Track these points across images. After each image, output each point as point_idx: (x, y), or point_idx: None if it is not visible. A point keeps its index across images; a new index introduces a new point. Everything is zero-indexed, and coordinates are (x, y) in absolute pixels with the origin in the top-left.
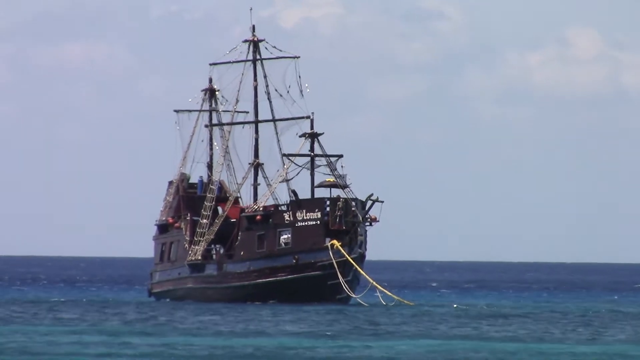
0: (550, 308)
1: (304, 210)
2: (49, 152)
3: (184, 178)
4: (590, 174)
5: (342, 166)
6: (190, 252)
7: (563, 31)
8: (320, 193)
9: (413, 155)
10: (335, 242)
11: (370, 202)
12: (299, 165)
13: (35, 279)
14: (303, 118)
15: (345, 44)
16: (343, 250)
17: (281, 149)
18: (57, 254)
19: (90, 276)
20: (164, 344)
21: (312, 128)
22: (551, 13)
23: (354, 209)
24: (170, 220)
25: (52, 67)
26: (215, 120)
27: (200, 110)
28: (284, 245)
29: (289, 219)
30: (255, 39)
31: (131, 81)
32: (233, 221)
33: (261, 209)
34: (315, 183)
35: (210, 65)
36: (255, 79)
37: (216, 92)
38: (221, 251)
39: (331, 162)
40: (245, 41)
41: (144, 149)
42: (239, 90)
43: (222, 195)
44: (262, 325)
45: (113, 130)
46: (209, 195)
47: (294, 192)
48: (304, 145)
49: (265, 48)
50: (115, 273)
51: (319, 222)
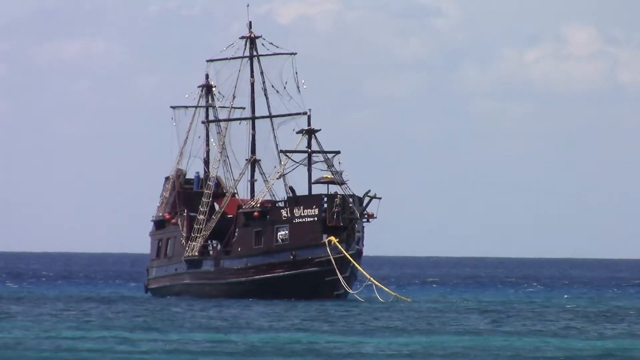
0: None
1: (302, 207)
2: (46, 148)
3: (180, 174)
4: (587, 170)
5: (340, 162)
6: (187, 248)
7: (560, 28)
8: (318, 189)
9: (410, 152)
10: (332, 239)
11: (367, 199)
12: (296, 162)
13: (36, 275)
14: (300, 114)
15: (342, 40)
16: (340, 247)
17: (278, 145)
18: (52, 249)
19: (86, 272)
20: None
21: (310, 124)
22: (548, 9)
23: (351, 206)
24: (167, 216)
25: (50, 64)
26: (211, 116)
27: (197, 107)
28: (282, 242)
29: (286, 215)
30: (252, 36)
31: (128, 77)
32: (230, 217)
33: (258, 205)
34: (313, 179)
35: (207, 61)
36: (252, 76)
37: (213, 89)
38: (218, 247)
39: (328, 159)
40: (242, 37)
41: (140, 145)
42: (235, 87)
43: (219, 192)
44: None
45: (110, 126)
46: (205, 191)
47: (291, 189)
48: (301, 142)
49: (262, 44)
50: (109, 269)
51: (316, 219)
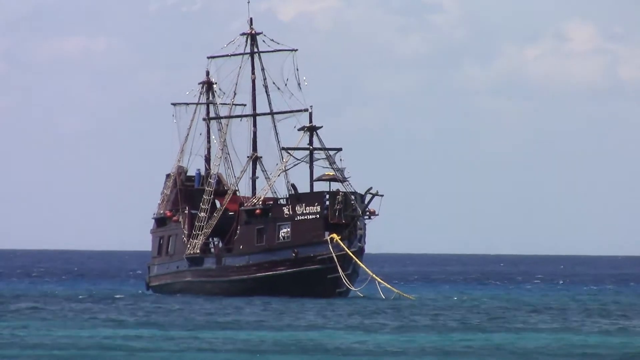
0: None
1: (304, 204)
2: (47, 145)
3: (181, 171)
4: (588, 166)
5: (341, 159)
6: (188, 246)
7: (560, 24)
8: (319, 187)
9: (411, 148)
10: (334, 236)
11: (369, 196)
12: (297, 159)
13: (39, 273)
14: (301, 111)
15: (342, 37)
16: (343, 244)
17: (279, 143)
18: (54, 247)
19: (87, 269)
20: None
21: (311, 121)
22: (548, 6)
23: (353, 203)
24: (168, 213)
25: (50, 60)
26: (212, 113)
27: (198, 104)
28: (284, 239)
29: (288, 212)
30: (253, 32)
31: (129, 74)
32: (231, 215)
33: (260, 202)
34: (314, 177)
35: (208, 58)
36: (253, 72)
37: (213, 85)
38: (219, 245)
39: (330, 156)
40: (243, 34)
41: (141, 142)
42: (236, 84)
43: (220, 189)
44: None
45: (110, 123)
46: (207, 188)
47: (293, 186)
48: (303, 139)
49: (263, 41)
50: (110, 266)
51: (318, 216)
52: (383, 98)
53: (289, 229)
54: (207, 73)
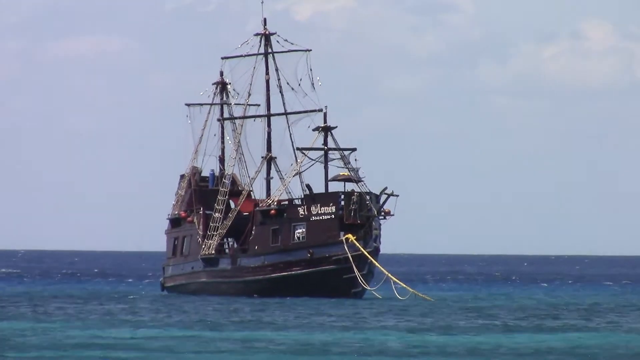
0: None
1: (319, 205)
2: (61, 146)
3: (195, 172)
4: (605, 165)
5: (356, 160)
6: (203, 246)
7: (576, 23)
8: (334, 187)
9: (426, 148)
10: (350, 236)
11: (384, 196)
12: (312, 159)
13: (50, 272)
14: (315, 111)
15: (357, 36)
16: (358, 244)
17: (293, 143)
18: (67, 247)
19: (100, 270)
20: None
21: (326, 121)
22: (564, 5)
23: (368, 203)
24: (183, 214)
25: (65, 61)
26: (226, 113)
27: (212, 104)
28: (299, 240)
29: (303, 213)
30: (267, 33)
31: (143, 74)
32: (246, 215)
33: (275, 203)
34: (329, 177)
35: (222, 58)
36: (267, 73)
37: (227, 86)
38: (234, 245)
39: (345, 156)
40: (257, 34)
41: (155, 142)
42: (250, 84)
43: (235, 189)
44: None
45: (125, 123)
46: (221, 189)
47: (308, 187)
48: (317, 139)
49: (277, 41)
50: (125, 266)
51: (333, 216)
52: (398, 98)
53: (304, 230)
54: (221, 73)
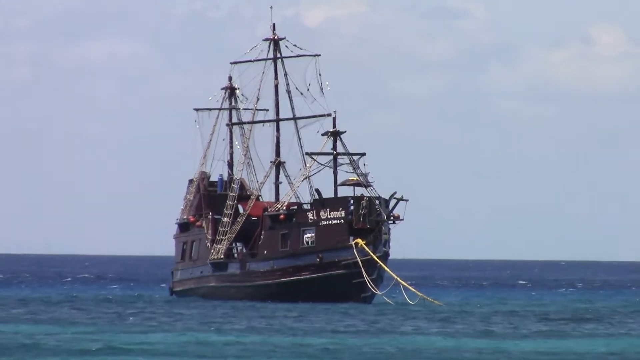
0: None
1: (328, 209)
2: (71, 150)
3: (204, 176)
4: (614, 171)
5: (365, 164)
6: (212, 251)
7: (586, 29)
8: (343, 192)
9: (436, 153)
10: (359, 241)
11: (394, 201)
12: (321, 164)
13: (62, 276)
14: (324, 116)
15: (368, 42)
16: (367, 249)
17: (302, 148)
18: (77, 252)
19: (107, 274)
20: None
21: (335, 126)
22: (574, 11)
23: (377, 208)
24: (192, 219)
25: (75, 65)
26: (235, 118)
27: (221, 109)
28: (308, 244)
29: (312, 217)
30: (276, 38)
31: (152, 79)
32: (254, 220)
33: (284, 207)
34: (338, 182)
35: (231, 63)
36: (276, 78)
37: (236, 91)
38: (243, 250)
39: (354, 161)
40: (266, 40)
41: (164, 147)
42: (259, 89)
43: (243, 194)
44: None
45: (134, 127)
46: (230, 193)
47: (317, 191)
48: (326, 144)
49: (286, 46)
50: (133, 271)
51: (342, 221)
52: (407, 102)
53: (313, 234)
54: (230, 78)
